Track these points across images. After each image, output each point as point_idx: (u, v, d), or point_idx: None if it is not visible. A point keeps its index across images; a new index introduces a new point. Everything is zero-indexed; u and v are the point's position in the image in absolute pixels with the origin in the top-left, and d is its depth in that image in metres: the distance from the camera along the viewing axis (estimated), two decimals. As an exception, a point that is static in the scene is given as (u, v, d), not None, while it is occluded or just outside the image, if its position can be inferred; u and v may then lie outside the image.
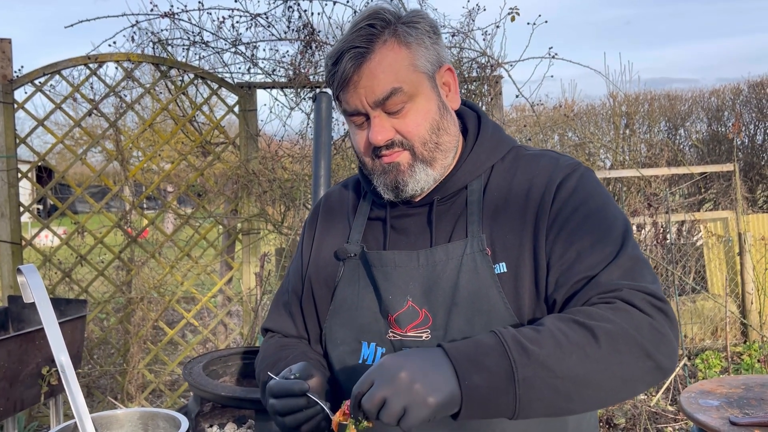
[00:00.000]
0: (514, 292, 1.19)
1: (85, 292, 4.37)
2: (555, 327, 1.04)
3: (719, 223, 6.06)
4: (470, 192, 1.28)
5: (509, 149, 1.33)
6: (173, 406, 4.43)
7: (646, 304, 1.08)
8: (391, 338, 1.25)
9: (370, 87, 1.20)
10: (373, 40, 1.21)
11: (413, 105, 1.23)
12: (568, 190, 1.22)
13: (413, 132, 1.23)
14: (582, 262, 1.15)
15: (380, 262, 1.28)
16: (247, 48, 4.39)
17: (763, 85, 8.41)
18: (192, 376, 2.35)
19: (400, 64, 1.21)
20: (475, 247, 1.22)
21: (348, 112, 1.25)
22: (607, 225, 1.19)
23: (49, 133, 4.44)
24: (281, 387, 1.15)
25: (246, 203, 4.44)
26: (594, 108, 8.56)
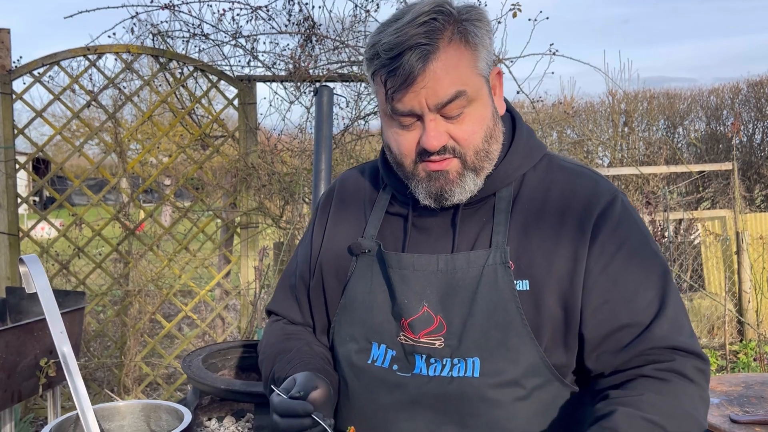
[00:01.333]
0: (533, 310, 1.16)
1: (82, 284, 4.35)
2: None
3: (717, 221, 6.07)
4: (498, 199, 1.23)
5: (541, 156, 1.28)
6: (170, 399, 4.42)
7: (695, 373, 1.13)
8: (402, 341, 1.22)
9: (433, 89, 1.12)
10: (438, 37, 1.12)
11: (471, 110, 1.16)
12: (612, 222, 1.18)
13: (468, 140, 1.17)
14: (627, 303, 1.15)
15: (398, 264, 1.23)
16: (247, 41, 4.37)
17: (762, 85, 8.43)
18: (191, 369, 2.34)
19: (464, 66, 1.14)
20: (498, 259, 1.18)
21: (399, 112, 1.16)
22: (649, 263, 1.19)
23: (47, 125, 4.42)
24: (286, 407, 1.13)
25: (245, 197, 4.42)
26: (593, 106, 8.57)
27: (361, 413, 1.27)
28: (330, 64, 4.38)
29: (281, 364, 1.31)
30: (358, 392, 1.27)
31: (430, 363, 1.19)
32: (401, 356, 1.22)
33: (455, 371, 1.17)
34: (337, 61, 4.38)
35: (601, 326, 1.15)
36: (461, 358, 1.17)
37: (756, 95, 8.47)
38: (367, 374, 1.25)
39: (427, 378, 1.19)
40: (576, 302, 1.16)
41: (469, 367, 1.17)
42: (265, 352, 1.40)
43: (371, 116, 4.56)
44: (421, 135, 1.16)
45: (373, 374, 1.24)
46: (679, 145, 8.43)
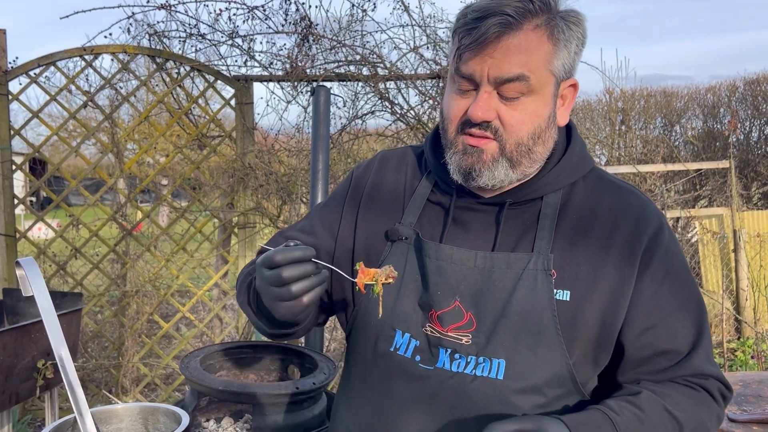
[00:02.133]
0: (570, 322, 1.15)
1: (79, 285, 4.35)
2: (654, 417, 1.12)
3: (714, 219, 6.08)
4: (545, 204, 1.21)
5: (591, 169, 1.26)
6: (168, 399, 4.42)
7: (719, 395, 1.20)
8: (427, 332, 1.20)
9: (499, 61, 1.11)
10: (526, 17, 1.12)
11: (528, 101, 1.14)
12: (662, 249, 1.19)
13: (514, 128, 1.15)
14: (670, 330, 1.18)
15: (436, 254, 1.20)
16: (244, 41, 4.36)
17: (759, 83, 8.43)
18: (189, 370, 2.34)
19: (539, 55, 1.13)
20: (540, 265, 1.16)
21: (461, 73, 1.15)
22: (689, 291, 1.21)
23: (44, 125, 4.41)
24: (285, 254, 1.05)
25: (242, 197, 4.42)
26: (590, 104, 8.57)
27: (377, 401, 1.25)
28: (327, 64, 4.37)
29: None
30: (375, 379, 1.25)
31: (454, 358, 1.18)
32: (425, 347, 1.20)
33: (479, 370, 1.16)
34: (334, 61, 4.38)
35: (643, 349, 1.18)
36: (487, 357, 1.16)
37: (753, 93, 8.48)
38: (387, 361, 1.23)
39: (450, 373, 1.17)
40: (615, 322, 1.16)
41: (494, 367, 1.16)
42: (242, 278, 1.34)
43: (368, 116, 4.55)
44: (471, 103, 1.15)
45: (394, 362, 1.22)
46: (677, 143, 8.44)
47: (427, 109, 4.44)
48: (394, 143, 4.70)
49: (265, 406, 2.24)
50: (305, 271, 1.06)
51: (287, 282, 1.05)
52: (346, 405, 1.33)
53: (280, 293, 1.06)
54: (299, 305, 1.07)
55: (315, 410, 2.32)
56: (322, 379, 2.33)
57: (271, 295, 1.08)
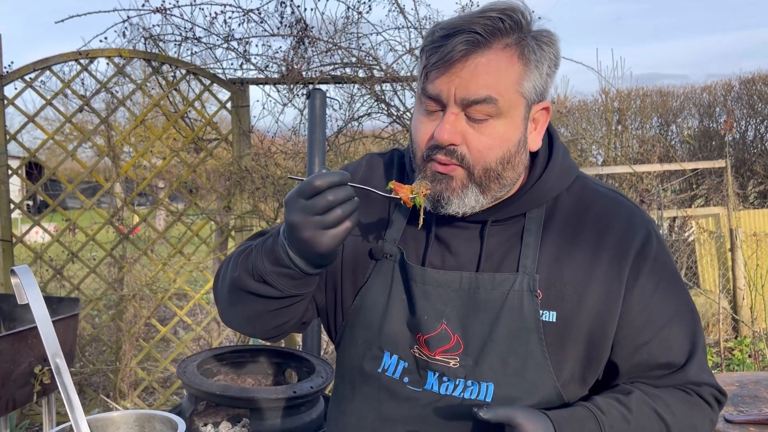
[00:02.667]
0: (557, 344, 1.13)
1: (76, 290, 4.34)
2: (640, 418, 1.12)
3: (711, 219, 6.09)
4: (529, 220, 1.18)
5: (575, 178, 1.23)
6: (166, 403, 4.42)
7: (713, 399, 1.20)
8: (415, 354, 1.19)
9: (466, 81, 1.07)
10: (496, 36, 1.08)
11: (497, 123, 1.10)
12: (650, 262, 1.17)
13: (482, 153, 1.11)
14: (664, 343, 1.17)
15: (422, 278, 1.18)
16: (240, 44, 4.36)
17: (755, 82, 8.45)
18: (186, 375, 2.34)
19: (508, 76, 1.09)
20: (525, 286, 1.13)
21: (427, 94, 1.11)
22: (681, 300, 1.20)
23: (39, 129, 4.40)
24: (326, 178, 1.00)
25: (239, 200, 4.42)
26: (586, 104, 8.58)
27: (368, 420, 1.24)
28: (323, 66, 4.37)
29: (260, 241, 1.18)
30: (364, 399, 1.25)
31: (442, 381, 1.17)
32: (413, 369, 1.19)
33: (467, 393, 1.15)
34: (329, 63, 4.38)
35: (637, 366, 1.17)
36: (475, 381, 1.15)
37: (748, 92, 8.50)
38: (376, 382, 1.22)
39: (438, 396, 1.17)
40: (603, 340, 1.15)
41: (482, 391, 1.15)
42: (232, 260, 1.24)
43: (364, 118, 4.56)
44: (437, 126, 1.11)
45: (382, 383, 1.22)
46: (673, 143, 8.45)
47: (423, 110, 4.44)
48: (390, 145, 4.70)
49: (263, 411, 2.24)
50: (348, 193, 1.02)
51: (333, 205, 1.01)
52: (339, 419, 1.32)
53: (323, 220, 1.01)
54: (342, 231, 1.03)
55: (313, 414, 2.32)
56: (319, 382, 2.33)
57: (312, 223, 1.02)
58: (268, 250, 1.13)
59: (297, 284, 1.14)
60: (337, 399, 1.35)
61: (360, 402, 1.26)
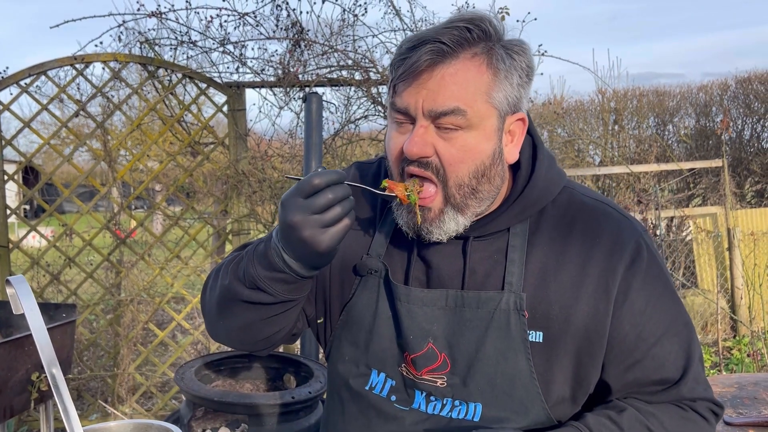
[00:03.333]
0: (544, 364, 1.11)
1: (74, 295, 4.33)
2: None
3: (708, 218, 6.10)
4: (513, 236, 1.15)
5: (561, 188, 1.19)
6: (164, 408, 4.40)
7: (709, 413, 1.17)
8: (403, 372, 1.18)
9: (433, 93, 1.05)
10: (463, 46, 1.06)
11: (467, 135, 1.07)
12: (639, 277, 1.13)
13: (453, 166, 1.08)
14: (657, 360, 1.14)
15: (407, 298, 1.16)
16: (236, 47, 4.36)
17: (751, 81, 8.47)
18: (184, 381, 2.33)
19: (476, 87, 1.06)
20: (512, 305, 1.11)
21: (395, 107, 1.09)
22: (674, 313, 1.16)
23: (35, 134, 4.39)
24: (324, 176, 0.99)
25: (236, 203, 4.41)
26: (583, 104, 8.59)
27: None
28: (319, 69, 4.37)
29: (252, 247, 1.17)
30: (353, 415, 1.24)
31: (430, 400, 1.16)
32: (401, 387, 1.18)
33: (455, 413, 1.14)
34: (326, 66, 4.37)
35: (631, 384, 1.15)
36: (463, 401, 1.14)
37: (744, 91, 8.51)
38: (364, 400, 1.21)
39: (426, 415, 1.16)
40: (593, 360, 1.13)
41: (470, 411, 1.13)
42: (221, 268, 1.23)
43: (361, 120, 4.55)
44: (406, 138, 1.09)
45: (370, 401, 1.20)
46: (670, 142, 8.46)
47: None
48: (387, 147, 4.69)
49: (261, 416, 2.24)
50: (346, 191, 1.01)
51: (332, 203, 1.00)
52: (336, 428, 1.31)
53: (323, 219, 1.00)
54: (341, 229, 1.02)
55: (311, 419, 2.32)
56: (317, 387, 2.32)
57: (312, 222, 1.00)
58: (260, 255, 1.11)
59: (291, 289, 1.12)
60: (327, 411, 1.35)
61: (349, 419, 1.25)
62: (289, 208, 1.01)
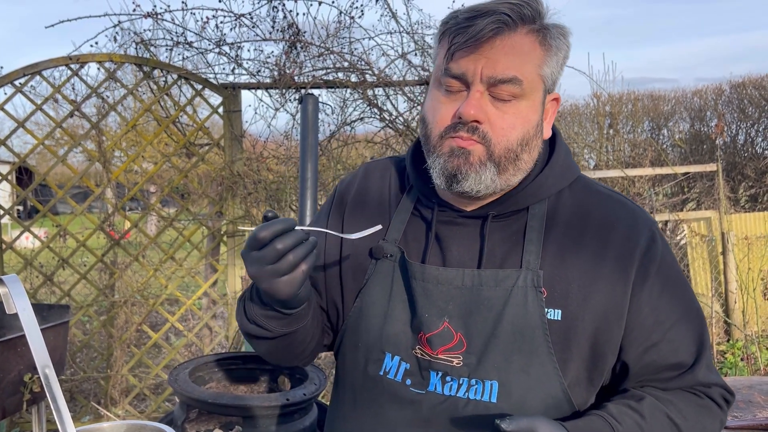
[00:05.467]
0: (563, 342, 1.12)
1: (67, 296, 4.31)
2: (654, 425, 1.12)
3: (702, 222, 6.11)
4: (531, 216, 1.17)
5: (576, 177, 1.23)
6: (158, 410, 4.38)
7: (722, 400, 1.20)
8: (417, 355, 1.17)
9: (494, 61, 1.08)
10: (521, 21, 1.09)
11: (520, 104, 1.11)
12: (656, 264, 1.16)
13: (504, 132, 1.11)
14: (673, 344, 1.17)
15: (422, 275, 1.16)
16: (232, 48, 4.35)
17: (745, 86, 8.50)
18: (178, 382, 2.32)
19: (532, 59, 1.10)
20: (529, 282, 1.12)
21: (451, 73, 1.11)
22: (687, 301, 1.20)
23: (30, 135, 4.37)
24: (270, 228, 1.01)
25: (231, 205, 4.40)
26: (578, 108, 8.61)
27: (368, 424, 1.21)
28: (315, 71, 4.37)
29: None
30: (366, 403, 1.22)
31: (446, 381, 1.15)
32: (415, 371, 1.17)
33: (472, 393, 1.13)
34: (322, 68, 4.37)
35: (647, 367, 1.17)
36: (479, 379, 1.13)
37: (738, 96, 8.54)
38: (377, 386, 1.20)
39: (442, 397, 1.14)
40: (609, 341, 1.14)
41: (486, 390, 1.13)
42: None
43: (357, 122, 4.55)
44: (461, 104, 1.10)
45: (384, 387, 1.19)
46: (664, 147, 8.48)
47: (415, 115, 4.44)
48: (383, 149, 4.69)
49: (256, 418, 2.22)
50: (297, 239, 1.03)
51: (282, 253, 1.02)
52: (339, 426, 1.30)
53: (276, 268, 1.03)
54: (299, 276, 1.05)
55: (306, 421, 2.31)
56: (312, 389, 2.31)
57: (267, 273, 1.03)
58: (254, 294, 1.16)
59: (284, 323, 1.16)
60: (336, 404, 1.32)
61: (362, 408, 1.23)
62: (246, 262, 1.06)
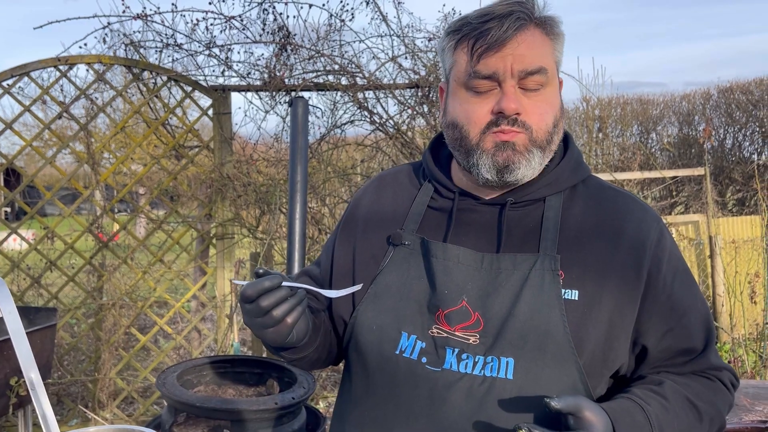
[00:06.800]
0: (579, 321, 1.14)
1: (54, 299, 4.28)
2: (677, 406, 1.17)
3: (690, 226, 6.15)
4: (548, 207, 1.22)
5: (589, 175, 1.30)
6: (146, 413, 4.36)
7: (730, 384, 1.27)
8: (433, 334, 1.18)
9: (521, 56, 1.16)
10: (532, 15, 1.19)
11: (546, 92, 1.19)
12: (667, 253, 1.22)
13: (541, 118, 1.19)
14: (686, 330, 1.22)
15: (444, 254, 1.21)
16: (222, 50, 4.34)
17: (732, 90, 8.57)
18: (165, 386, 2.31)
19: (546, 49, 1.20)
20: (546, 265, 1.16)
21: (480, 75, 1.17)
22: (695, 289, 1.26)
23: (17, 136, 4.35)
24: (256, 286, 1.09)
25: (220, 207, 4.39)
26: (568, 112, 8.64)
27: (381, 409, 1.21)
28: (305, 74, 4.37)
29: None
30: (380, 384, 1.22)
31: (461, 359, 1.15)
32: (431, 349, 1.17)
33: (488, 370, 1.14)
34: (312, 70, 4.37)
35: (665, 351, 1.22)
36: (495, 356, 1.14)
37: (726, 101, 8.61)
38: (392, 365, 1.20)
39: (459, 375, 1.15)
40: (624, 324, 1.18)
41: (503, 367, 1.14)
42: None
43: (347, 125, 4.55)
44: (499, 100, 1.17)
45: (400, 365, 1.19)
46: (653, 150, 8.54)
47: (405, 118, 4.45)
48: (373, 152, 4.70)
49: (244, 422, 2.22)
50: (281, 297, 1.10)
51: (267, 310, 1.10)
52: (351, 410, 1.28)
53: (263, 322, 1.12)
54: (285, 328, 1.13)
55: (294, 425, 2.30)
56: (301, 393, 2.31)
57: (256, 325, 1.13)
58: None
59: (291, 352, 1.26)
60: (346, 395, 1.31)
61: (375, 389, 1.23)
62: (242, 312, 1.16)
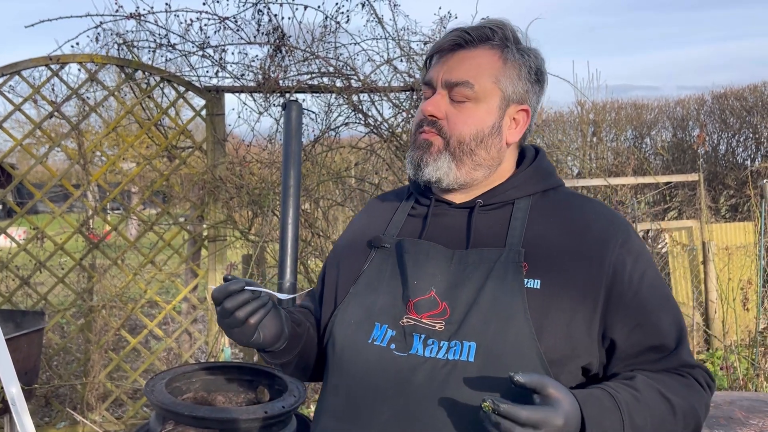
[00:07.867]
0: (540, 309, 1.20)
1: (44, 300, 4.24)
2: (648, 398, 1.18)
3: (684, 232, 6.14)
4: (516, 208, 1.31)
5: (561, 184, 1.37)
6: (135, 416, 4.32)
7: (706, 386, 1.28)
8: (404, 324, 1.26)
9: (450, 68, 1.29)
10: (483, 41, 1.30)
11: (473, 106, 1.29)
12: (634, 253, 1.26)
13: (456, 125, 1.29)
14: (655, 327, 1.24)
15: (414, 249, 1.31)
16: (216, 51, 4.31)
17: (726, 96, 8.58)
18: (154, 393, 2.28)
19: (486, 70, 1.29)
20: (511, 258, 1.24)
21: (424, 81, 1.34)
22: (664, 289, 1.29)
23: (7, 135, 4.30)
24: (222, 290, 1.20)
25: (212, 209, 4.35)
26: (562, 115, 8.64)
27: (352, 392, 1.27)
28: (300, 75, 4.34)
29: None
30: (353, 372, 1.28)
31: (427, 344, 1.22)
32: (400, 337, 1.25)
33: (450, 354, 1.20)
34: (307, 72, 4.34)
35: (634, 346, 1.24)
36: (458, 341, 1.20)
37: (720, 107, 8.62)
38: (365, 353, 1.27)
39: (423, 359, 1.21)
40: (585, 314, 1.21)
41: (465, 350, 1.19)
42: None
43: (342, 127, 4.52)
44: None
45: (371, 353, 1.26)
46: (647, 155, 8.54)
47: (400, 121, 4.42)
48: (367, 155, 4.67)
49: (234, 431, 2.19)
50: (243, 300, 1.19)
51: (231, 312, 1.19)
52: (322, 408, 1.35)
53: (229, 322, 1.22)
54: (249, 328, 1.22)
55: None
56: (291, 401, 2.28)
57: (224, 326, 1.23)
58: None
59: (272, 356, 1.34)
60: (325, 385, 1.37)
61: (346, 378, 1.30)
62: (216, 313, 1.26)
